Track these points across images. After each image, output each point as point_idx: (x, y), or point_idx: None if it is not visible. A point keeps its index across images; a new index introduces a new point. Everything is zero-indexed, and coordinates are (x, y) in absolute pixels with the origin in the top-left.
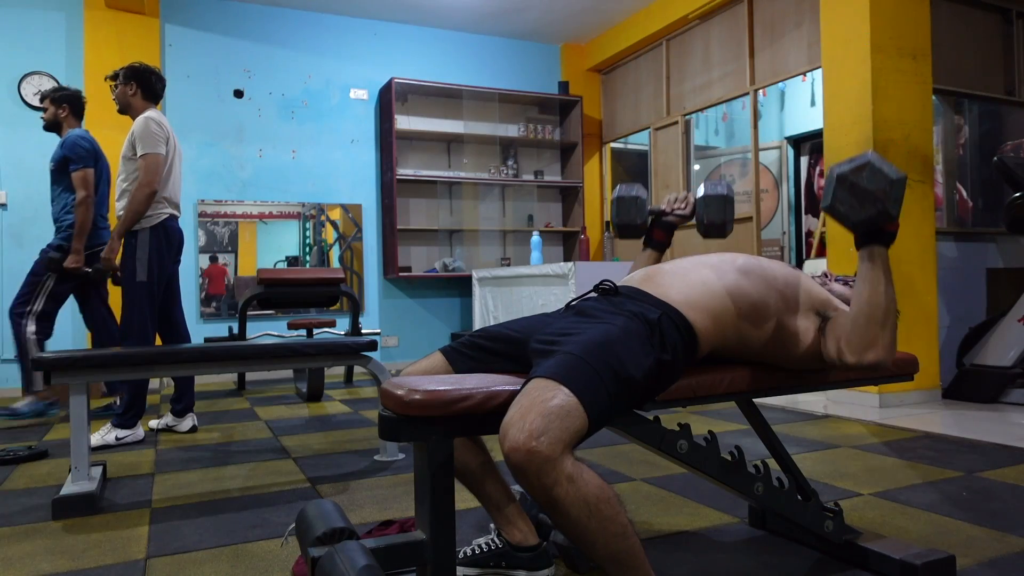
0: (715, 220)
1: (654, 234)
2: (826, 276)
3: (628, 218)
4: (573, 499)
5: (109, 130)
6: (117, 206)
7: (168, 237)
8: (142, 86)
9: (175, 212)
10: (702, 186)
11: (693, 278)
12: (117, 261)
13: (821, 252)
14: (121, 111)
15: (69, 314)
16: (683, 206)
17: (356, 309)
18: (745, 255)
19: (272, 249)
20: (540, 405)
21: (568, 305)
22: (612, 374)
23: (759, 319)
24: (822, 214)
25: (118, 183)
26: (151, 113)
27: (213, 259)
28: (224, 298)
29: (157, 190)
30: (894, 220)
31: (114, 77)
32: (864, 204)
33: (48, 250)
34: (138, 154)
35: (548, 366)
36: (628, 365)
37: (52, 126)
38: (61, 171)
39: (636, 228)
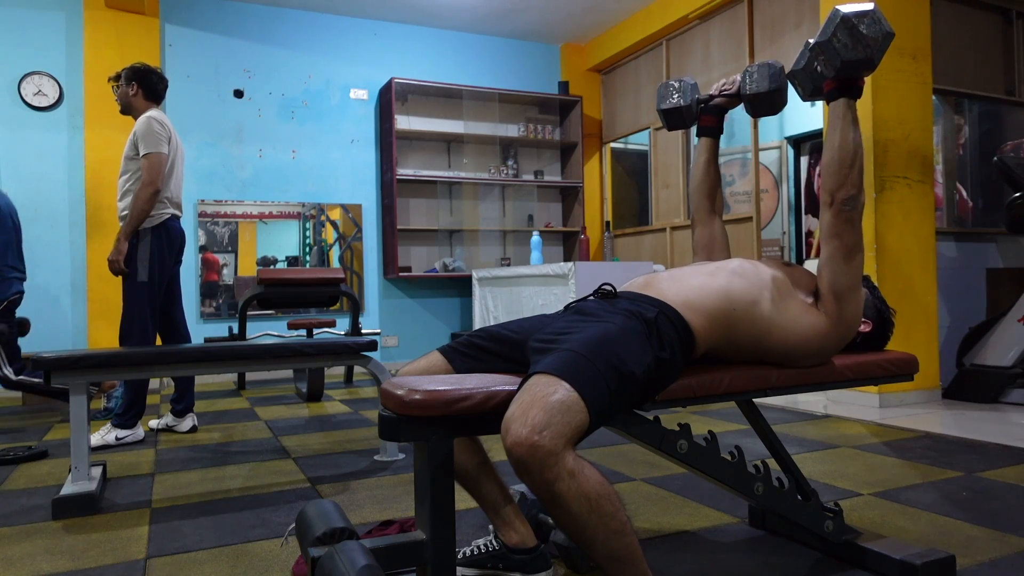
0: (760, 89)
1: (704, 120)
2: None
3: (673, 102)
4: (575, 494)
5: (110, 130)
6: (120, 206)
7: (170, 237)
8: (143, 86)
9: (177, 212)
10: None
11: (690, 281)
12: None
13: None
14: (123, 112)
15: (69, 314)
16: (729, 86)
17: (356, 309)
18: (740, 259)
19: (272, 249)
20: (542, 400)
21: (567, 307)
22: (613, 370)
23: (753, 318)
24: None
25: (120, 183)
26: (153, 113)
27: (204, 249)
28: (223, 295)
29: (160, 189)
30: (874, 69)
31: (116, 78)
32: (857, 46)
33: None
34: (140, 153)
35: (548, 362)
36: (628, 362)
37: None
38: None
39: (682, 112)
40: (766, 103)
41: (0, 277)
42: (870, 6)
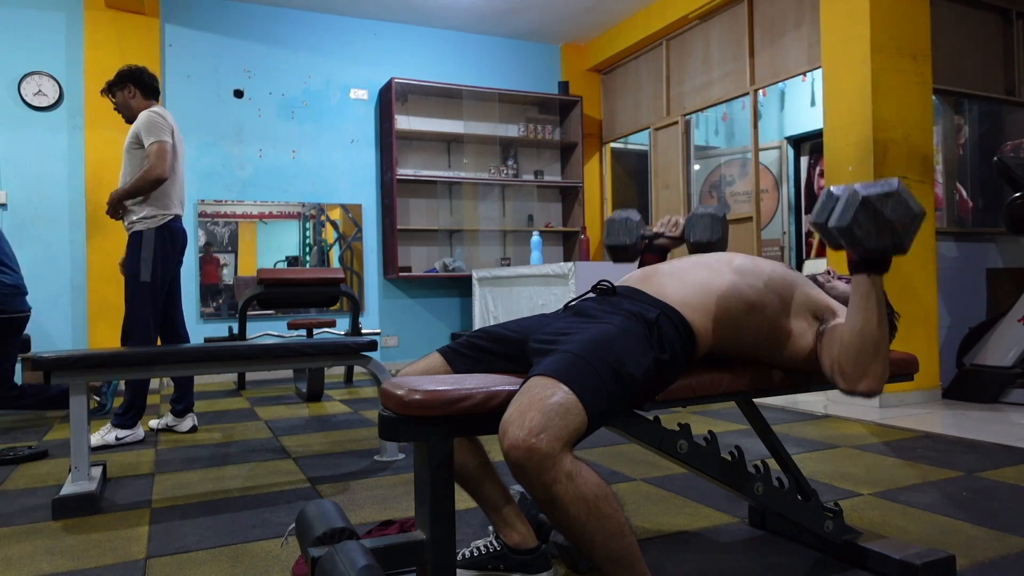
0: (701, 239)
1: (646, 258)
2: (829, 274)
3: (620, 239)
4: (572, 497)
5: (110, 130)
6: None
7: (172, 238)
8: (139, 86)
9: (179, 212)
10: (693, 209)
11: (690, 278)
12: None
13: (821, 252)
14: (129, 120)
15: (69, 314)
16: (674, 228)
17: (356, 309)
18: (742, 255)
19: (272, 249)
20: (540, 403)
21: (566, 306)
22: (611, 372)
23: (755, 319)
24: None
25: (120, 177)
26: (155, 108)
27: (206, 252)
28: (223, 295)
29: (166, 178)
30: (905, 253)
31: (108, 89)
32: (881, 232)
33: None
34: (146, 144)
35: (547, 364)
36: (627, 364)
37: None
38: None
39: (627, 250)
40: (707, 250)
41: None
42: (894, 185)
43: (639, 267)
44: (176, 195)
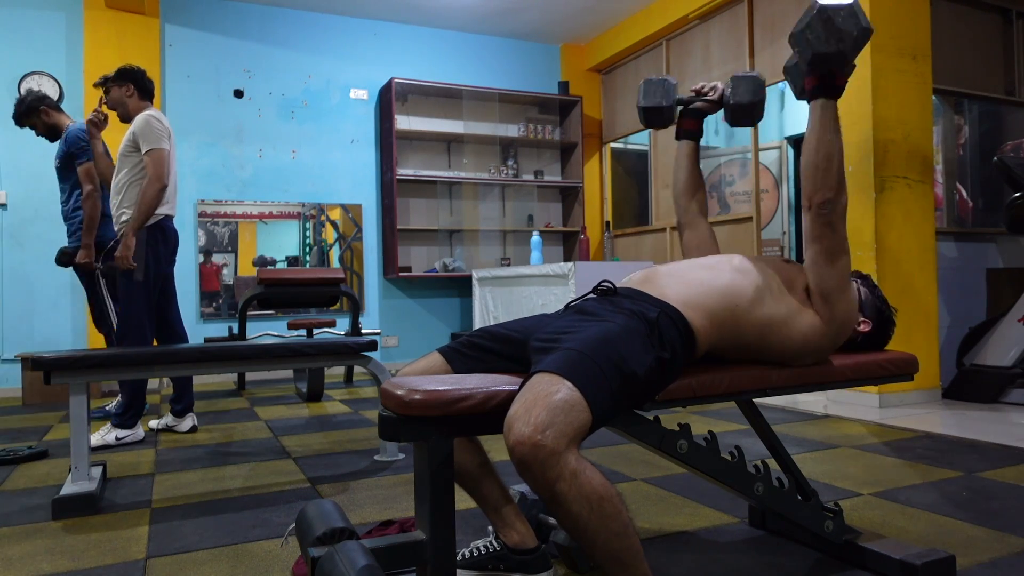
0: (742, 100)
1: (684, 123)
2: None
3: (655, 100)
4: (576, 495)
5: (109, 130)
6: (114, 202)
7: (165, 237)
8: (138, 87)
9: (171, 212)
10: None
11: (690, 278)
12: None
13: None
14: (123, 119)
15: (69, 314)
16: (713, 92)
17: (356, 309)
18: (740, 255)
19: (272, 249)
20: (545, 399)
21: (567, 306)
22: (615, 370)
23: (755, 317)
24: None
25: (115, 180)
26: (151, 111)
27: (207, 257)
28: (223, 295)
29: (166, 186)
30: (849, 63)
31: (103, 83)
32: (830, 39)
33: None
34: (143, 151)
35: (551, 361)
36: (630, 361)
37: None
38: (66, 167)
39: (662, 111)
40: (747, 114)
41: (108, 217)
42: (850, 0)
43: (677, 135)
44: (170, 195)
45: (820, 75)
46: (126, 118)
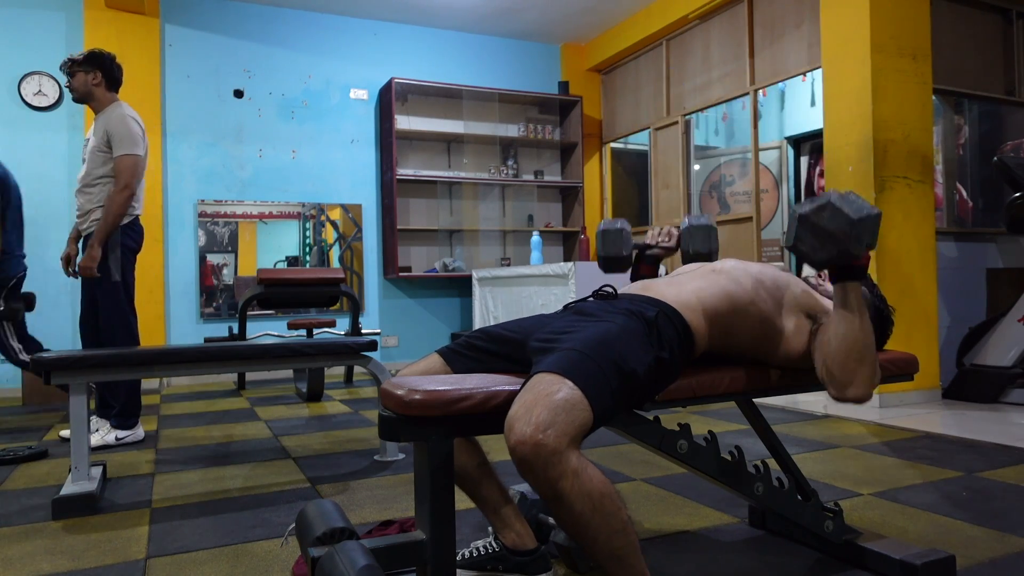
0: (700, 250)
1: (640, 269)
2: (820, 276)
3: (614, 250)
4: (578, 493)
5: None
6: (82, 199)
7: (136, 236)
8: (105, 75)
9: (140, 211)
10: (685, 218)
11: (689, 286)
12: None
13: None
14: (79, 100)
15: (69, 314)
16: (667, 239)
17: (356, 309)
18: (734, 260)
19: (272, 249)
20: (545, 399)
21: (566, 307)
22: (615, 369)
23: (749, 319)
24: None
25: (84, 174)
26: (129, 111)
27: (204, 256)
28: (223, 295)
29: (135, 192)
30: (857, 258)
31: (72, 63)
32: (825, 244)
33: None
34: (115, 154)
35: (551, 361)
36: (630, 360)
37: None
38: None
39: (621, 260)
40: (702, 260)
41: (10, 255)
42: (828, 197)
43: (632, 278)
44: (140, 194)
45: (836, 267)
46: (82, 101)
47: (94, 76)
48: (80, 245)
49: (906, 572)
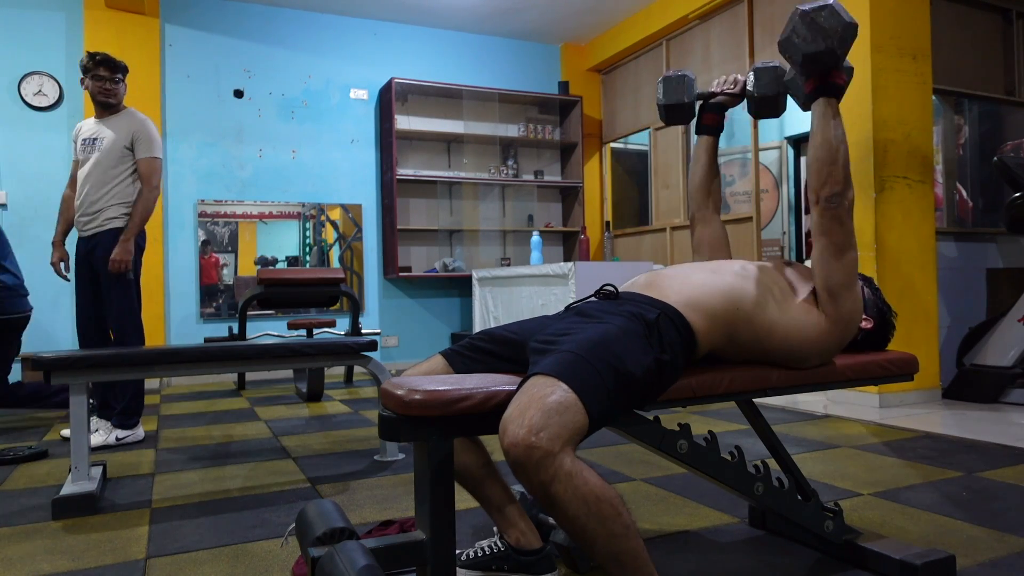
0: (767, 92)
1: (705, 118)
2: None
3: (676, 97)
4: (572, 496)
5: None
6: (91, 196)
7: (143, 236)
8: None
9: None
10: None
11: (692, 280)
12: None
13: None
14: (109, 108)
15: (69, 314)
16: (732, 85)
17: (356, 309)
18: (743, 261)
19: (272, 249)
20: (539, 401)
21: (567, 307)
22: (611, 372)
23: (756, 319)
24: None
25: (101, 173)
26: (145, 116)
27: (205, 245)
28: (223, 295)
29: (158, 187)
30: (840, 60)
31: (123, 72)
32: (816, 38)
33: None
34: (140, 156)
35: (547, 363)
36: (628, 363)
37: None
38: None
39: (683, 108)
40: (771, 106)
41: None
42: (829, 0)
43: (697, 129)
44: None
45: (817, 76)
46: (111, 109)
47: (125, 85)
48: (80, 246)
49: (906, 572)
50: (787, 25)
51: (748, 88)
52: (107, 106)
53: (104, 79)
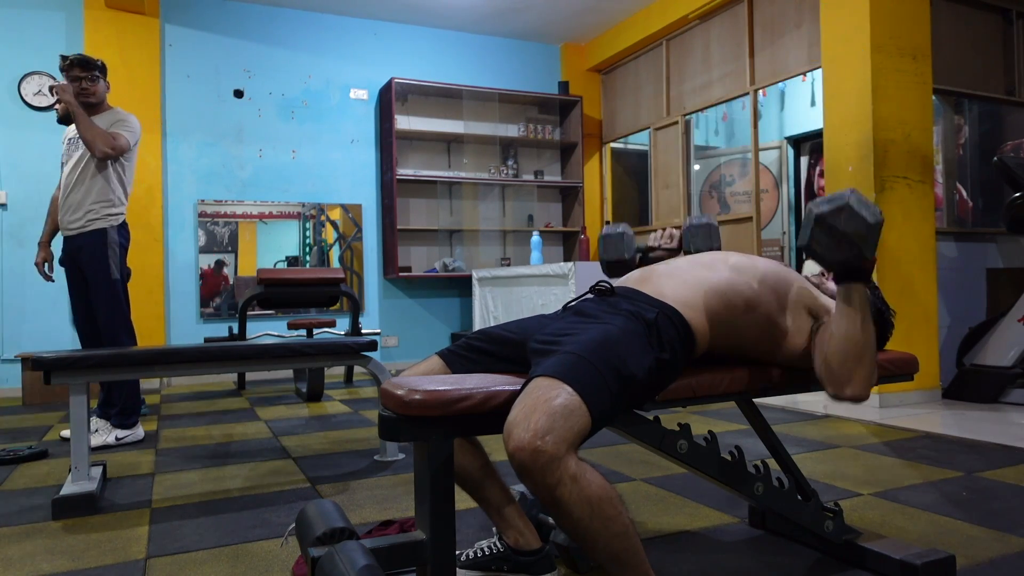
0: (702, 249)
1: None
2: (823, 275)
3: (616, 254)
4: (576, 499)
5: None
6: (75, 195)
7: (126, 235)
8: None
9: (124, 212)
10: (687, 219)
11: (688, 277)
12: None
13: None
14: (88, 107)
15: (69, 314)
16: (669, 240)
17: (356, 309)
18: (738, 254)
19: (272, 249)
20: (544, 404)
21: (565, 307)
22: (614, 373)
23: (752, 316)
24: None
25: (74, 174)
26: (130, 113)
27: (213, 261)
28: (223, 295)
29: (112, 157)
30: (868, 260)
31: (99, 69)
32: (840, 245)
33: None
34: (114, 131)
35: (549, 365)
36: (629, 364)
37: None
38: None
39: (624, 264)
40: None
41: None
42: (845, 196)
43: None
44: (126, 195)
45: (843, 269)
46: (95, 109)
47: (106, 82)
48: (65, 247)
49: (906, 572)
50: (804, 227)
51: (684, 245)
52: (87, 106)
53: (81, 79)
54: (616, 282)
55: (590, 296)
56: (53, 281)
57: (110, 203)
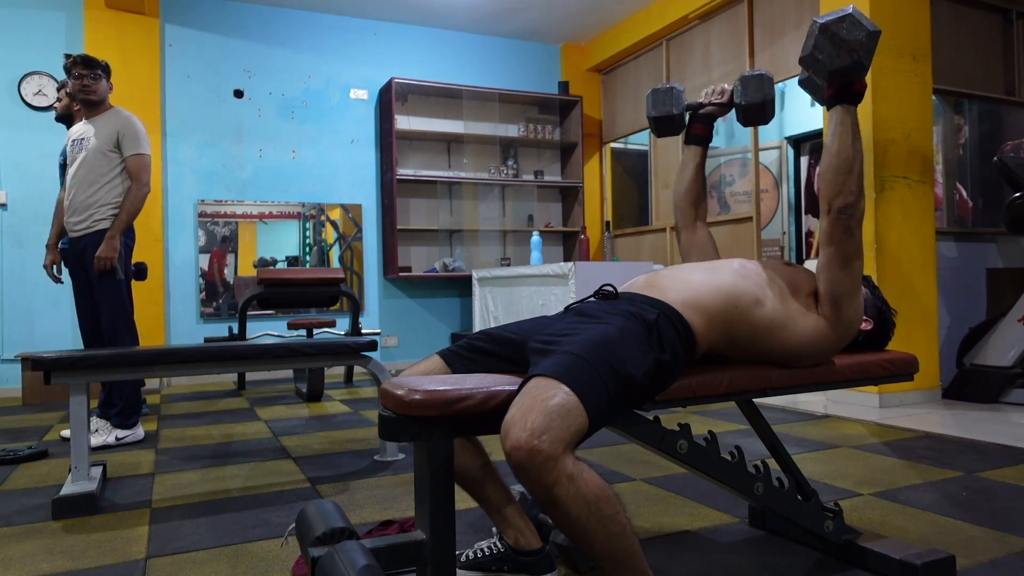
0: (754, 100)
1: (693, 128)
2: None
3: (664, 109)
4: (573, 498)
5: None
6: (80, 198)
7: (132, 235)
8: (109, 81)
9: None
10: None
11: (692, 279)
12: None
13: None
14: (90, 106)
15: (69, 314)
16: (720, 95)
17: (356, 309)
18: (742, 259)
19: (272, 249)
20: (541, 404)
21: (567, 308)
22: (612, 373)
23: (755, 317)
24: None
25: (85, 174)
26: (128, 112)
27: (212, 245)
28: (223, 295)
29: (148, 182)
30: (865, 71)
31: (102, 68)
32: (841, 53)
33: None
34: (128, 153)
35: (547, 365)
36: (627, 364)
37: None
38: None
39: (672, 120)
40: (759, 113)
41: None
42: (847, 9)
43: (685, 140)
44: None
45: (839, 85)
46: (93, 107)
47: (109, 84)
48: (70, 248)
49: (906, 572)
50: (807, 40)
51: (735, 98)
52: (90, 104)
53: (83, 76)
54: (622, 288)
55: (592, 299)
56: (62, 283)
57: (116, 205)
